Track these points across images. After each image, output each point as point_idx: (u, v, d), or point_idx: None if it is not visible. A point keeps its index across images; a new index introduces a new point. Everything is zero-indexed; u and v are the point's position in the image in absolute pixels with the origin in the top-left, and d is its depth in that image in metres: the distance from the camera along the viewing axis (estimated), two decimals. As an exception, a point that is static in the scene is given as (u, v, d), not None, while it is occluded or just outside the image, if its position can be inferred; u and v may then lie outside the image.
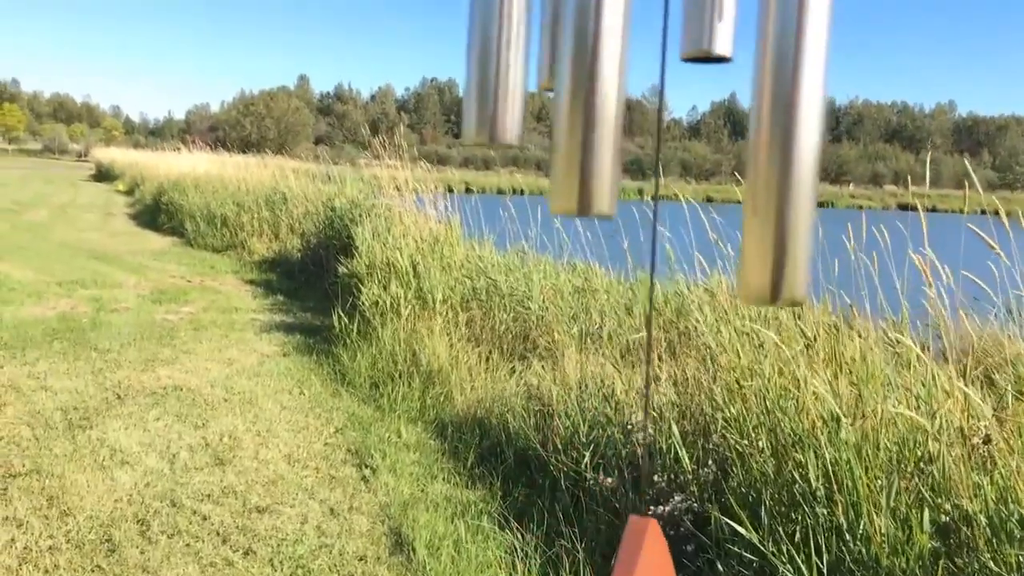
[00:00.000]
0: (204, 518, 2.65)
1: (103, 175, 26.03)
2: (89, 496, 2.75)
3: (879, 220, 2.90)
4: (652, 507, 2.28)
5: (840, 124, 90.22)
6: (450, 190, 6.43)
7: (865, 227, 2.77)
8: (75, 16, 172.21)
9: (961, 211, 2.50)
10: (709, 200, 4.33)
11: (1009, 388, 2.11)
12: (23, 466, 2.95)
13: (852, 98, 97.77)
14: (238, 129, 63.95)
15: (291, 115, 68.09)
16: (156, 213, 12.19)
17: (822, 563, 1.89)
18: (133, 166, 20.69)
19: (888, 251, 2.70)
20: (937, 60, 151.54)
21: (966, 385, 2.18)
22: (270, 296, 6.64)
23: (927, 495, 1.82)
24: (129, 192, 17.90)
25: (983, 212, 2.54)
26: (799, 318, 2.96)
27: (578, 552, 2.36)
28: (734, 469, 2.26)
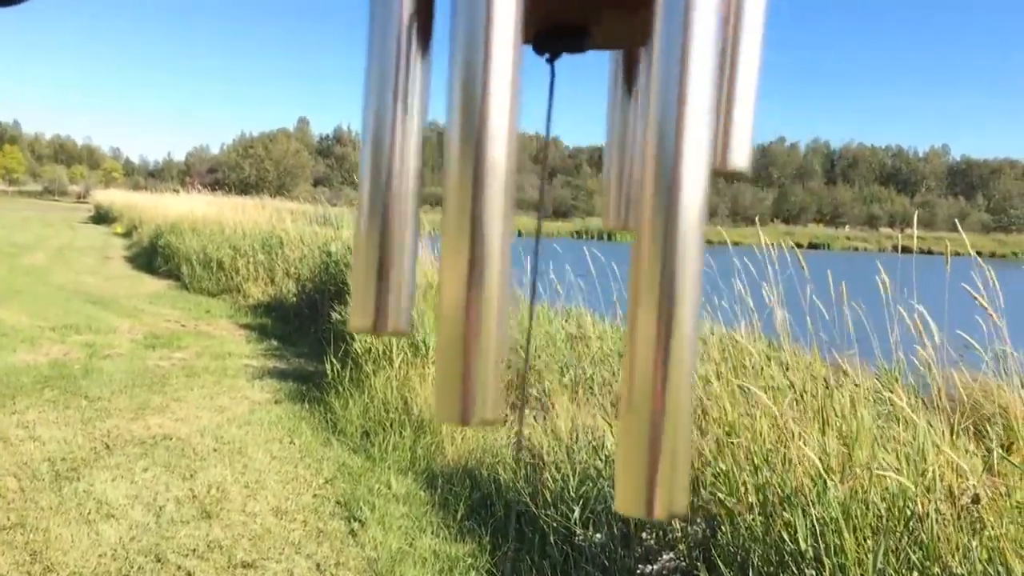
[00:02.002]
0: (188, 574, 2.61)
1: (102, 217, 26.14)
2: (73, 551, 2.72)
3: (874, 262, 2.92)
4: (641, 566, 2.26)
5: (835, 167, 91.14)
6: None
7: (859, 271, 2.78)
8: (77, 58, 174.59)
9: (957, 253, 2.51)
10: (706, 242, 4.31)
11: (995, 445, 2.11)
12: (8, 519, 2.92)
13: (847, 141, 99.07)
14: (237, 171, 64.44)
15: (290, 157, 68.66)
16: (153, 256, 12.22)
17: (811, 626, 1.87)
18: (131, 208, 20.80)
19: (885, 300, 2.71)
20: (930, 103, 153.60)
21: (954, 437, 2.18)
22: (264, 341, 6.63)
23: (915, 558, 1.80)
24: (127, 234, 17.96)
25: (979, 254, 2.56)
26: (788, 370, 2.97)
27: (566, 611, 2.32)
28: (723, 527, 2.24)
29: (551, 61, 0.43)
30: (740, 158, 0.42)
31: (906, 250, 2.82)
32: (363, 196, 0.39)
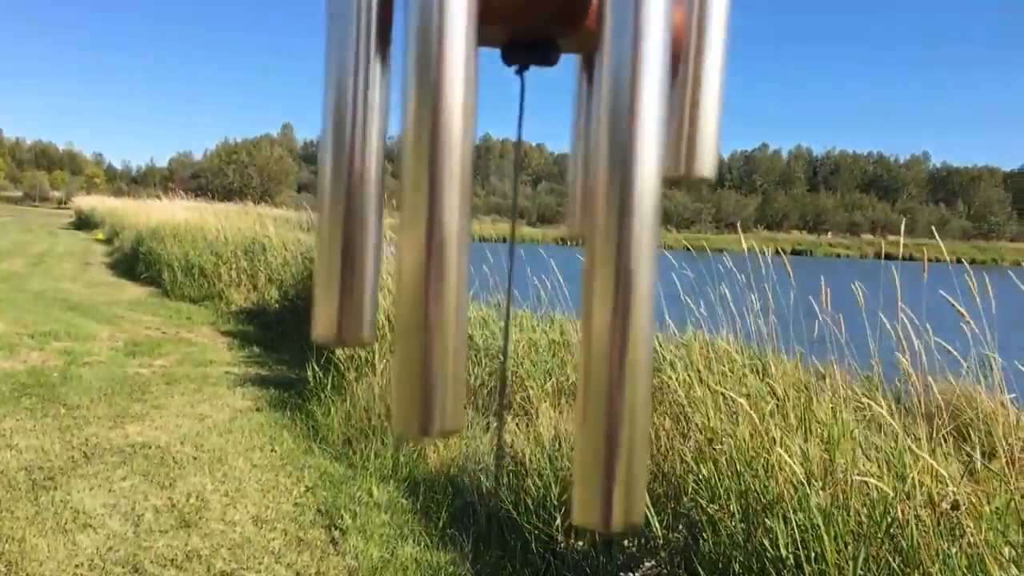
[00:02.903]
0: (166, 585, 2.58)
1: (83, 223, 25.90)
2: (49, 562, 2.68)
3: (856, 269, 2.94)
4: (623, 573, 2.25)
5: (818, 174, 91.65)
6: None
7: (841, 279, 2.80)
8: (60, 63, 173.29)
9: (938, 259, 2.53)
10: (688, 249, 4.36)
11: (976, 452, 2.12)
12: (-19, 530, 2.88)
13: (829, 148, 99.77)
14: (220, 177, 64.12)
15: (274, 163, 68.43)
16: (134, 262, 12.11)
17: (792, 633, 1.87)
18: (113, 214, 20.62)
19: (863, 309, 2.72)
20: (910, 109, 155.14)
21: (932, 444, 2.19)
22: (246, 348, 6.58)
23: (896, 564, 1.81)
24: (108, 241, 17.80)
25: (959, 261, 2.57)
26: (770, 376, 2.97)
27: (548, 619, 2.31)
28: (705, 533, 2.24)
29: (520, 73, 0.43)
30: (705, 166, 0.42)
31: (888, 256, 2.83)
32: (323, 202, 0.39)
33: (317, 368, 4.62)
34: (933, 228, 2.45)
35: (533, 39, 0.42)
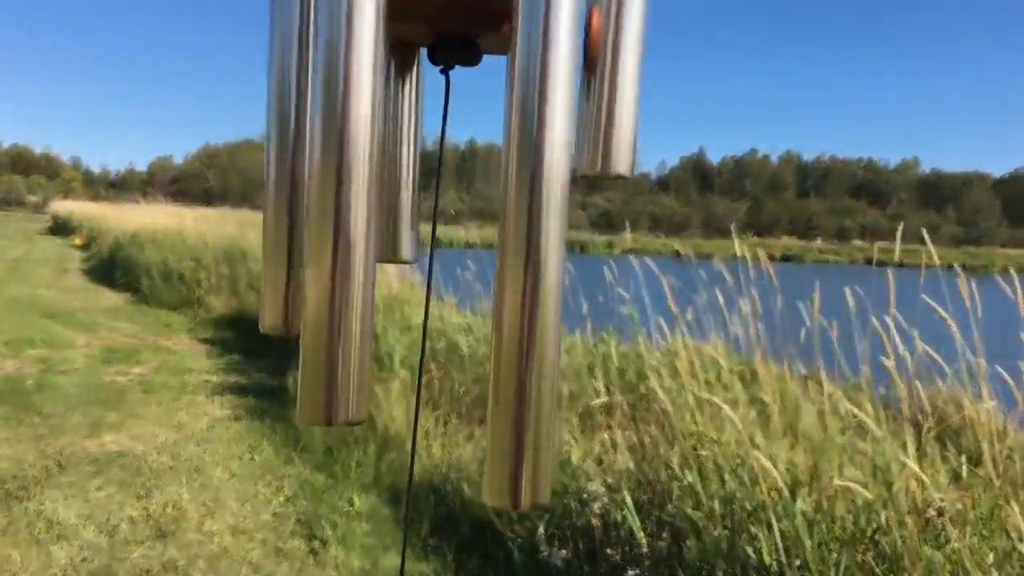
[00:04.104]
0: (142, 597, 2.53)
1: (60, 228, 25.59)
2: (22, 573, 2.63)
3: (845, 275, 2.94)
4: (607, 582, 2.23)
5: (808, 179, 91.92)
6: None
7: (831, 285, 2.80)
8: (38, 66, 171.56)
9: (928, 265, 2.53)
10: (677, 254, 4.37)
11: (963, 458, 2.12)
12: (-49, 542, 2.81)
13: (819, 153, 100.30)
14: (201, 181, 63.74)
15: (255, 168, 68.10)
16: (112, 268, 11.97)
17: (778, 642, 1.85)
18: (91, 219, 20.39)
19: (852, 312, 2.72)
20: (900, 115, 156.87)
21: (919, 449, 2.18)
22: (225, 355, 6.51)
23: (880, 571, 1.80)
24: (85, 246, 17.59)
25: (950, 267, 2.57)
26: (757, 382, 2.97)
27: (532, 630, 2.28)
28: (689, 541, 2.22)
29: (445, 72, 0.45)
30: (621, 164, 0.44)
31: (880, 263, 2.83)
32: (268, 198, 0.39)
33: (297, 378, 4.56)
34: (924, 232, 2.43)
35: (456, 39, 0.43)
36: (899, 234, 2.46)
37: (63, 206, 31.08)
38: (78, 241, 19.00)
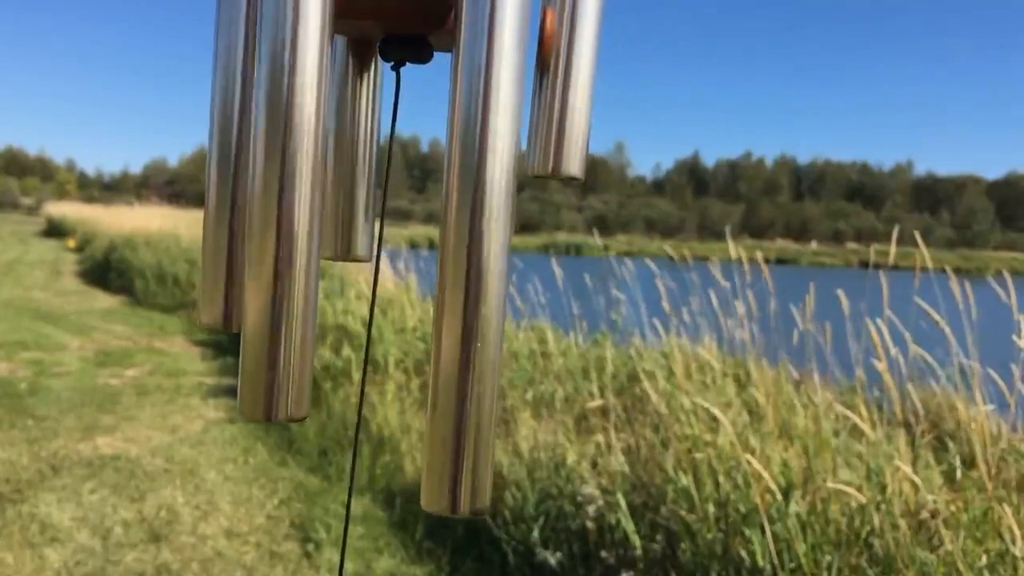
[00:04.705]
0: (135, 601, 2.52)
1: (54, 231, 25.51)
2: (13, 578, 2.61)
3: (840, 278, 2.94)
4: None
5: (802, 182, 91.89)
6: (413, 246, 6.41)
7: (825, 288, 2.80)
8: (32, 67, 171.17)
9: (923, 269, 2.54)
10: (673, 257, 4.38)
11: (957, 461, 2.12)
12: (-56, 546, 2.80)
13: (814, 156, 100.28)
14: (196, 184, 63.60)
15: (251, 171, 67.92)
16: (106, 271, 11.94)
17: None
18: (85, 222, 20.33)
19: (846, 315, 2.73)
20: (894, 117, 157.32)
21: (913, 452, 2.19)
22: (220, 358, 6.49)
23: (873, 574, 1.80)
24: (80, 249, 17.54)
25: (943, 270, 2.58)
26: (750, 384, 2.97)
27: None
28: (683, 543, 2.22)
29: (396, 68, 0.45)
30: (573, 164, 0.43)
31: (875, 266, 2.84)
32: (210, 193, 0.40)
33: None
34: (917, 235, 2.44)
35: (405, 35, 0.43)
36: (894, 237, 2.46)
37: (57, 208, 30.98)
38: (72, 244, 18.95)
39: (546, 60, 0.43)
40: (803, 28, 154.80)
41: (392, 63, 0.44)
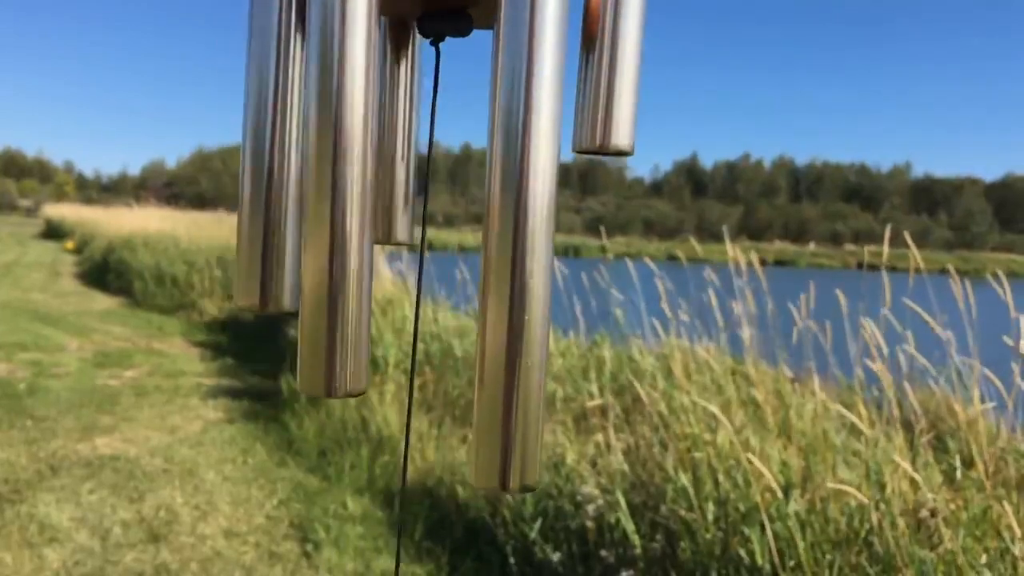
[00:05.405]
0: (134, 601, 2.52)
1: (52, 232, 25.49)
2: (12, 578, 2.61)
3: (838, 279, 2.94)
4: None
5: (800, 184, 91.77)
6: (411, 249, 6.40)
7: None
8: (30, 70, 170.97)
9: (919, 270, 2.54)
10: (672, 258, 4.38)
11: (957, 460, 2.12)
12: (-58, 546, 2.79)
13: (812, 158, 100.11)
14: (194, 185, 63.63)
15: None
16: (104, 272, 11.93)
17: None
18: (83, 223, 20.32)
19: (844, 315, 2.73)
20: (892, 119, 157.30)
21: (912, 451, 2.19)
22: (219, 359, 6.49)
23: (873, 573, 1.80)
24: (78, 250, 17.52)
25: (943, 271, 2.58)
26: (750, 384, 2.98)
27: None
28: (683, 542, 2.22)
29: (435, 44, 0.44)
30: (622, 137, 0.43)
31: (871, 267, 2.84)
32: (245, 174, 0.40)
33: (291, 378, 4.56)
34: (906, 236, 2.45)
35: (445, 9, 0.43)
36: (886, 237, 2.47)
37: (56, 210, 30.96)
38: (70, 245, 18.94)
39: (592, 35, 0.43)
40: (802, 29, 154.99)
41: (431, 38, 0.44)
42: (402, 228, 0.48)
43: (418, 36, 0.48)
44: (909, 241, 2.44)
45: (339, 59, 0.34)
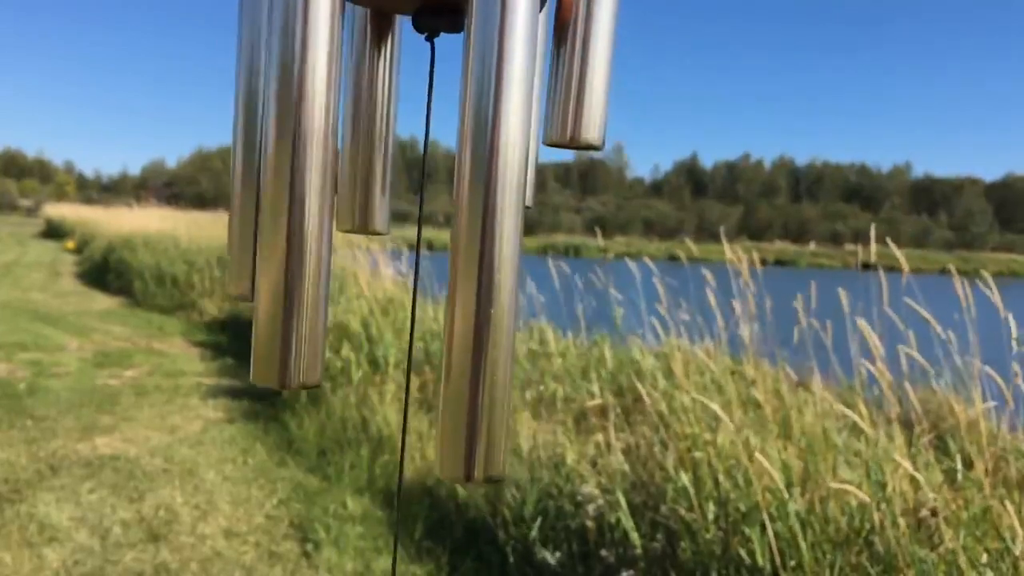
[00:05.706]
0: (134, 600, 2.52)
1: (53, 232, 25.50)
2: (12, 577, 2.61)
3: (838, 279, 2.94)
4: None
5: (800, 184, 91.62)
6: (411, 247, 6.40)
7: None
8: (30, 70, 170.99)
9: (919, 270, 2.54)
10: (672, 258, 4.39)
11: (957, 460, 2.12)
12: (-58, 546, 2.79)
13: (812, 158, 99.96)
14: (194, 185, 63.65)
15: (249, 172, 67.94)
16: (104, 272, 11.94)
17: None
18: (83, 223, 20.33)
19: (846, 315, 2.73)
20: (892, 119, 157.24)
21: (913, 451, 2.19)
22: (219, 359, 6.49)
23: (874, 573, 1.80)
24: (78, 250, 17.53)
25: (943, 271, 2.59)
26: (751, 384, 2.97)
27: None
28: (683, 542, 2.22)
29: (430, 39, 0.44)
30: (593, 131, 0.43)
31: (864, 266, 2.84)
32: (236, 168, 0.41)
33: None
34: (889, 238, 2.45)
35: (441, 4, 0.43)
36: (872, 236, 2.48)
37: (56, 210, 30.98)
38: (71, 245, 18.94)
39: (563, 30, 0.43)
40: (802, 29, 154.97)
41: (426, 34, 0.44)
42: (379, 218, 0.48)
43: (399, 28, 0.48)
44: (893, 246, 2.45)
45: (301, 45, 0.34)
